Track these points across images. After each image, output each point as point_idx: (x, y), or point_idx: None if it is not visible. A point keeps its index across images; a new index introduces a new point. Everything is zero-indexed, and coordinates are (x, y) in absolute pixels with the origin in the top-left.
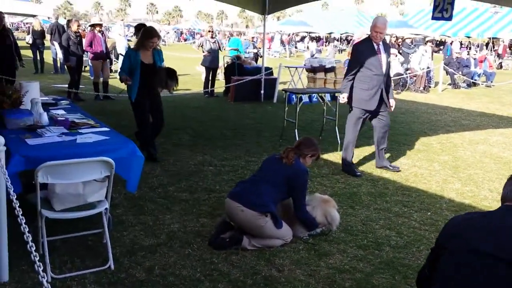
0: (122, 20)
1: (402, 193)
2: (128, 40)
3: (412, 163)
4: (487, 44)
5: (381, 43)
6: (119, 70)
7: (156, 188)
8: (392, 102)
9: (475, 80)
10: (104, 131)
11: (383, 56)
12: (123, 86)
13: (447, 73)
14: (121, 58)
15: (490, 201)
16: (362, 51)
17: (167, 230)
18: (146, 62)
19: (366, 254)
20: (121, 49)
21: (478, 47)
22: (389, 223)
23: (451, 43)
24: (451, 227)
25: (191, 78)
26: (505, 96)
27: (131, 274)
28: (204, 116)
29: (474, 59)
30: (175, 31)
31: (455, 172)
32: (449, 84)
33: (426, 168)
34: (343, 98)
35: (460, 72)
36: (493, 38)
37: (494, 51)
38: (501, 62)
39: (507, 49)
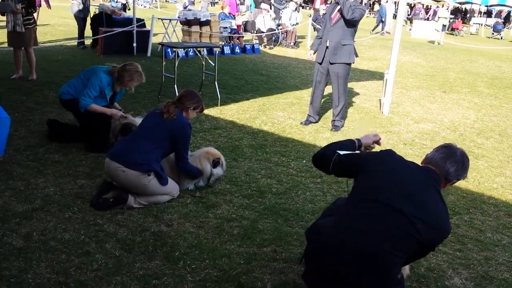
0: None
1: (280, 144)
2: None
3: (287, 116)
4: None
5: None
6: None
7: (24, 150)
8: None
9: None
10: None
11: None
12: None
13: (315, 29)
14: None
15: None
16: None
17: (41, 194)
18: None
19: (251, 202)
20: None
21: None
22: (270, 172)
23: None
24: (385, 156)
25: (51, 29)
26: (364, 51)
27: (7, 243)
28: (69, 71)
29: None
30: None
31: (325, 122)
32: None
33: (300, 120)
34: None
35: None
36: None
37: None
38: None
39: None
